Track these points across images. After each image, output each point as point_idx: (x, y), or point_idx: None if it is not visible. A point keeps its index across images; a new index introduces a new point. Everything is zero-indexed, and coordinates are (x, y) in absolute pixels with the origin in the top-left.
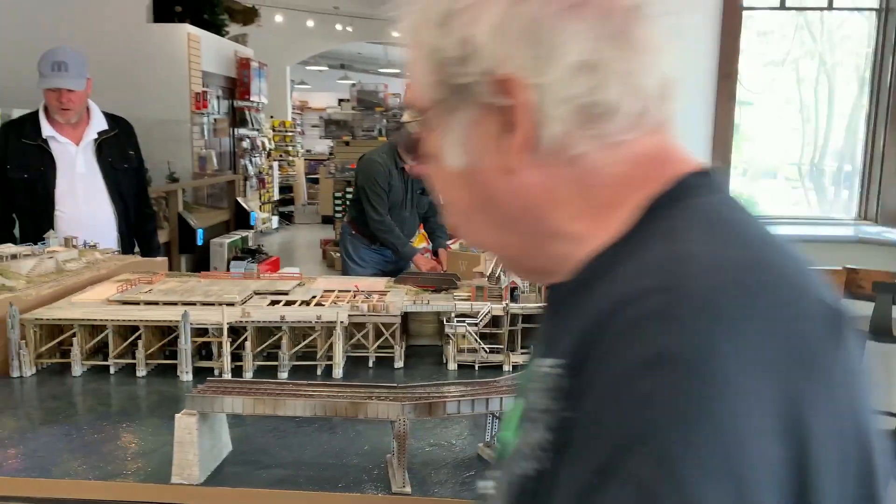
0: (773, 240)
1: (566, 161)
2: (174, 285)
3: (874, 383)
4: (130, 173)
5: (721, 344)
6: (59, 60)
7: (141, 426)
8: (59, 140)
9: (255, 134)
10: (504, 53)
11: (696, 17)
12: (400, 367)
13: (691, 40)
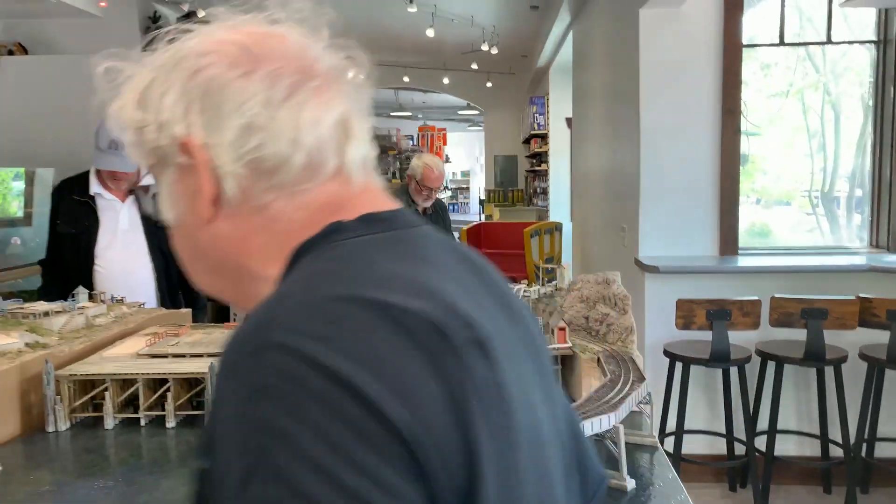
0: (404, 277)
1: (253, 211)
2: (199, 337)
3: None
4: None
5: (300, 372)
6: (115, 139)
7: (173, 476)
8: (105, 196)
9: None
10: (184, 120)
11: (698, 55)
12: None
13: (694, 77)
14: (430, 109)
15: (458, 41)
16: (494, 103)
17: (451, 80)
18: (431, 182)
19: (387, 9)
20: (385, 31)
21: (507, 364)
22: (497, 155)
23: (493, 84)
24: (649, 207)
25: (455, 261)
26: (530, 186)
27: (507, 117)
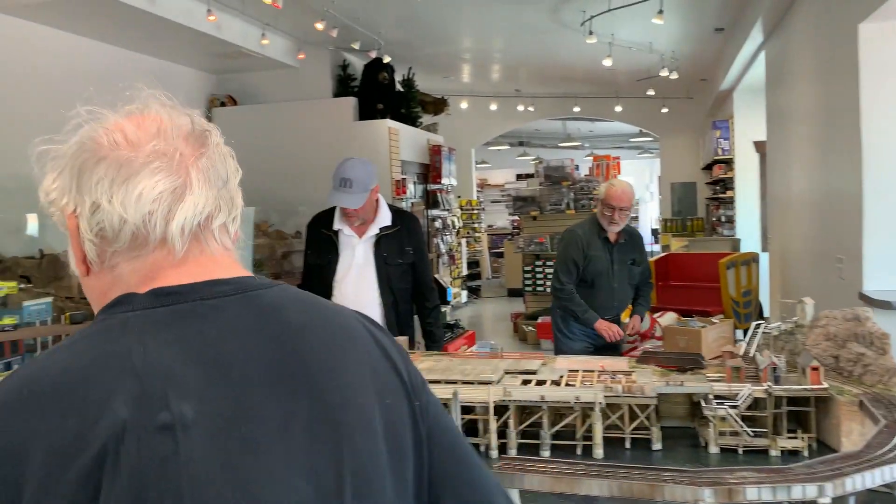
0: (106, 352)
1: (106, 270)
2: (431, 364)
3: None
4: (405, 268)
5: None
6: (346, 177)
7: None
8: (345, 232)
9: (446, 214)
10: (67, 196)
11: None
12: (658, 449)
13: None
14: (599, 138)
15: (633, 68)
16: (670, 129)
17: (623, 108)
18: (614, 199)
19: (563, 41)
20: (558, 62)
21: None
22: (674, 182)
23: (670, 109)
24: (875, 235)
25: (234, 337)
26: (712, 215)
27: (685, 143)
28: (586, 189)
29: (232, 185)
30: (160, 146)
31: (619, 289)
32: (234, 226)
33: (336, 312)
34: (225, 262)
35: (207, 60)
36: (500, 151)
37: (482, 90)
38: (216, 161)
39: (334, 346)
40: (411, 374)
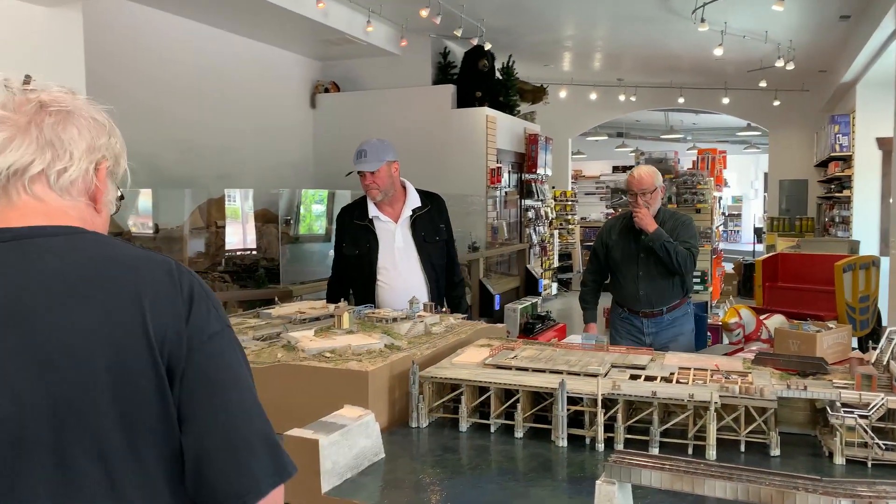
0: None
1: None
2: (534, 353)
3: None
4: (441, 245)
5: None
6: (361, 149)
7: (540, 486)
8: (381, 219)
9: (540, 204)
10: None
11: None
12: (776, 455)
13: None
14: (702, 131)
15: (745, 58)
16: (782, 123)
17: (731, 100)
18: (633, 185)
19: (672, 30)
20: (663, 51)
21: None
22: (783, 179)
23: (782, 102)
24: None
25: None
26: (825, 215)
27: (797, 138)
28: (689, 183)
29: (64, 145)
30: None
31: (646, 279)
32: (60, 179)
33: (93, 265)
34: (30, 211)
35: (313, 47)
36: (598, 142)
37: (582, 79)
38: (48, 126)
39: (70, 293)
40: (165, 332)
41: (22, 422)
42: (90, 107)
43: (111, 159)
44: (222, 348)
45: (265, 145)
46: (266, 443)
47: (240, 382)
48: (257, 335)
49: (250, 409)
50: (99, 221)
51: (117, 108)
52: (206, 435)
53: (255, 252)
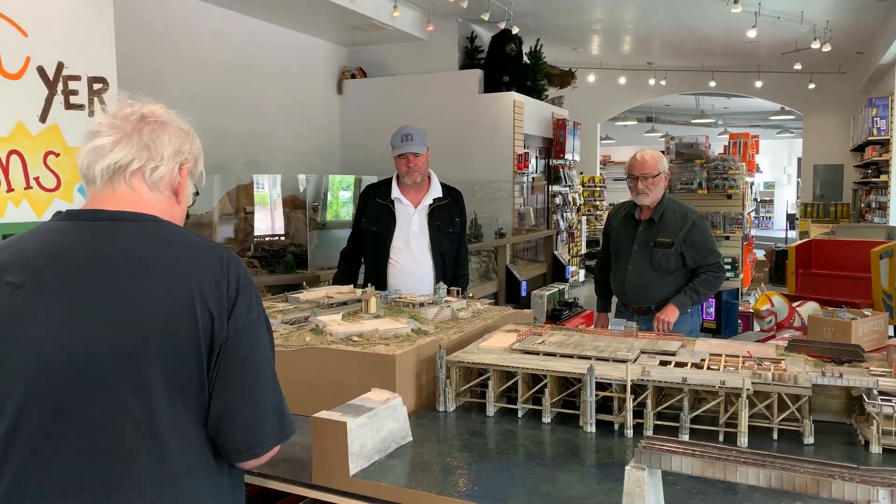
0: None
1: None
2: (562, 338)
3: None
4: (454, 237)
5: None
6: (406, 133)
7: (569, 471)
8: (402, 202)
9: (567, 190)
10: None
11: None
12: (810, 444)
13: None
14: (734, 115)
15: (779, 40)
16: (816, 106)
17: (765, 83)
18: (634, 168)
19: (704, 11)
20: (695, 34)
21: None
22: (817, 164)
23: (817, 85)
24: None
25: (79, 243)
26: (861, 200)
27: (832, 122)
28: (721, 168)
29: (157, 148)
30: (113, 122)
31: (634, 273)
32: (152, 175)
33: (159, 248)
34: (121, 195)
35: (340, 33)
36: (627, 127)
37: (611, 63)
38: (147, 133)
39: (134, 267)
40: (211, 312)
41: (87, 359)
42: (179, 119)
43: (192, 161)
44: (256, 333)
45: (293, 131)
46: (276, 410)
47: (263, 361)
48: (286, 319)
49: (268, 383)
50: (178, 211)
51: (148, 94)
52: (231, 399)
53: (283, 238)
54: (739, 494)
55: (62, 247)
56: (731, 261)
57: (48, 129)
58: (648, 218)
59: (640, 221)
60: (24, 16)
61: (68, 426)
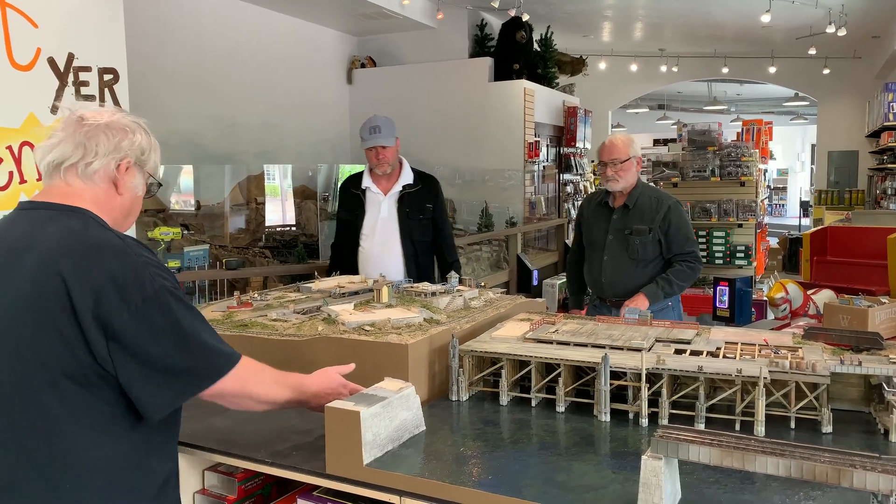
0: None
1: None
2: (575, 327)
3: None
4: (426, 223)
5: None
6: (374, 125)
7: (583, 460)
8: (373, 190)
9: (578, 179)
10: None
11: None
12: (828, 433)
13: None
14: (746, 102)
15: (793, 25)
16: (831, 92)
17: (779, 69)
18: (603, 153)
19: None
20: (707, 19)
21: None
22: (832, 151)
23: (832, 70)
24: None
25: (4, 230)
26: (877, 187)
27: (847, 107)
28: (734, 155)
29: (91, 146)
30: (61, 126)
31: (610, 264)
32: (86, 170)
33: (23, 237)
34: (55, 189)
35: (350, 22)
36: (638, 115)
37: (622, 49)
38: (82, 133)
39: (11, 256)
40: (84, 300)
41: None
42: (126, 119)
43: (133, 156)
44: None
45: (303, 122)
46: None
47: (152, 351)
48: (298, 308)
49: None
50: (118, 201)
51: (159, 86)
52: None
53: (294, 228)
54: (757, 484)
55: (2, 231)
56: (745, 248)
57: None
58: (622, 205)
59: (613, 209)
60: (34, 7)
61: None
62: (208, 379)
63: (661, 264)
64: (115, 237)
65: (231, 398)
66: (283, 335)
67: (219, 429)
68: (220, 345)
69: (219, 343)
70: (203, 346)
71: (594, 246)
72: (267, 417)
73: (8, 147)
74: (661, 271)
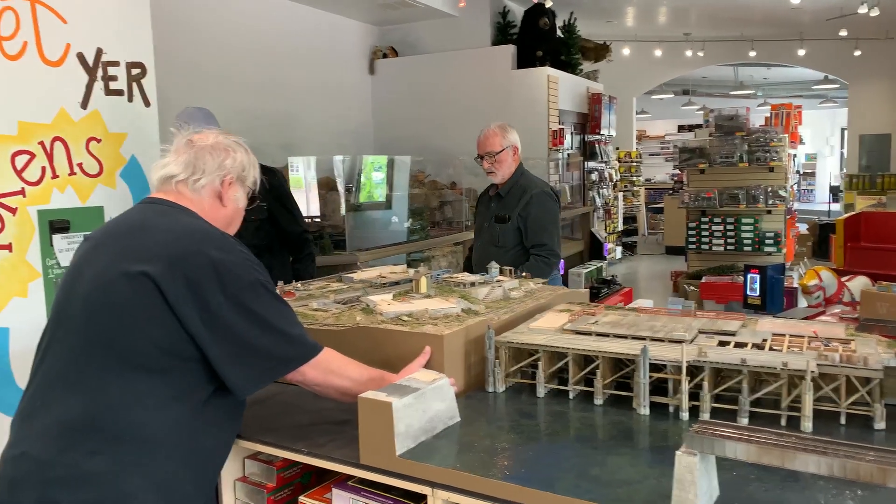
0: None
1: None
2: (616, 318)
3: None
4: (258, 224)
5: None
6: (184, 121)
7: (618, 454)
8: None
9: (603, 166)
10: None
11: None
12: (881, 429)
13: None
14: (774, 86)
15: (822, 6)
16: (863, 74)
17: (808, 51)
18: (478, 147)
19: None
20: (733, 2)
21: (88, 249)
22: (863, 134)
23: (863, 52)
24: None
25: (129, 214)
26: None
27: (880, 90)
28: (762, 140)
29: (199, 165)
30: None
31: (480, 248)
32: (195, 185)
33: (144, 221)
34: (169, 194)
35: (371, 12)
36: (662, 101)
37: (647, 35)
38: (191, 153)
39: (131, 234)
40: (171, 274)
41: (82, 298)
42: (227, 140)
43: (234, 173)
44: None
45: (325, 113)
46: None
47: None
48: (338, 298)
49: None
50: (223, 212)
51: (184, 80)
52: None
53: (319, 219)
54: (801, 482)
55: (119, 216)
56: (774, 235)
57: (90, 116)
58: (497, 193)
59: (492, 199)
60: (63, 2)
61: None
62: (291, 363)
63: (522, 252)
64: (218, 232)
65: (314, 386)
66: (322, 325)
67: (260, 417)
68: (305, 335)
69: (304, 333)
70: (288, 334)
71: (477, 233)
72: (306, 407)
73: (40, 143)
74: (522, 259)
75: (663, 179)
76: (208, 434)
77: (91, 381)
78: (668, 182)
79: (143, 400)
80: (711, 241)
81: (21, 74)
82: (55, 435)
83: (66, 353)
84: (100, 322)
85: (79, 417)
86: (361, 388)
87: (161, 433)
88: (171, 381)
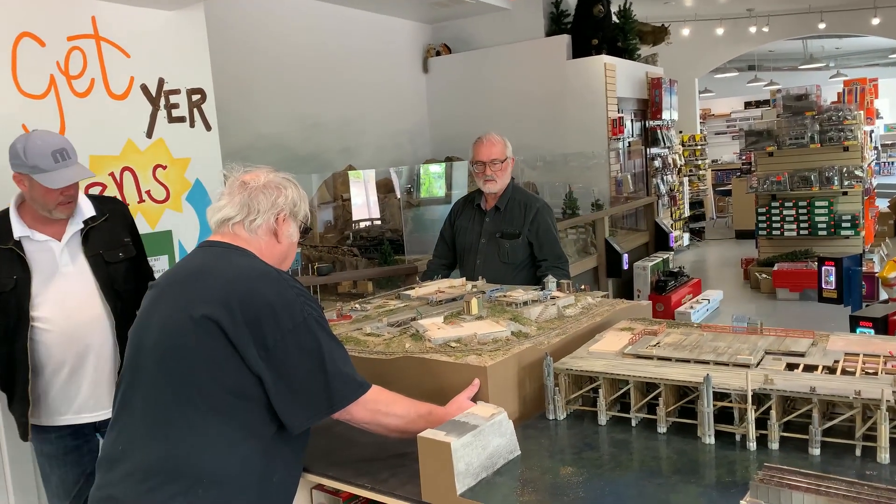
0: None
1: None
2: (678, 338)
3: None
4: (127, 265)
5: None
6: (60, 148)
7: (675, 491)
8: (34, 238)
9: (666, 152)
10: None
11: None
12: None
13: None
14: (847, 56)
15: None
16: None
17: (882, 20)
18: (481, 154)
19: None
20: None
21: (154, 297)
22: None
23: None
24: None
25: (189, 259)
26: None
27: None
28: (835, 119)
29: (254, 206)
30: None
31: (483, 267)
32: (251, 225)
33: (203, 265)
34: (226, 236)
35: (423, 10)
36: (727, 78)
37: (707, 13)
38: (245, 195)
39: (191, 278)
40: (236, 309)
41: (151, 344)
42: (277, 178)
43: (287, 209)
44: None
45: (382, 115)
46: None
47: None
48: (392, 320)
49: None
50: (279, 248)
51: (243, 96)
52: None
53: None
54: None
55: (180, 262)
56: (851, 218)
57: (155, 144)
58: (494, 207)
59: (485, 212)
60: (126, 37)
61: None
62: (338, 404)
63: (532, 267)
64: (274, 271)
65: (363, 424)
66: (372, 353)
67: (324, 449)
68: (354, 374)
69: (353, 372)
70: (338, 373)
71: (468, 249)
72: (367, 439)
73: (110, 174)
74: (531, 273)
75: (730, 160)
76: (277, 470)
77: (166, 428)
78: (736, 162)
79: (215, 442)
80: (783, 227)
81: (90, 110)
82: (138, 479)
83: (140, 402)
84: (170, 368)
85: (158, 462)
86: (410, 426)
87: (234, 473)
88: (240, 422)
